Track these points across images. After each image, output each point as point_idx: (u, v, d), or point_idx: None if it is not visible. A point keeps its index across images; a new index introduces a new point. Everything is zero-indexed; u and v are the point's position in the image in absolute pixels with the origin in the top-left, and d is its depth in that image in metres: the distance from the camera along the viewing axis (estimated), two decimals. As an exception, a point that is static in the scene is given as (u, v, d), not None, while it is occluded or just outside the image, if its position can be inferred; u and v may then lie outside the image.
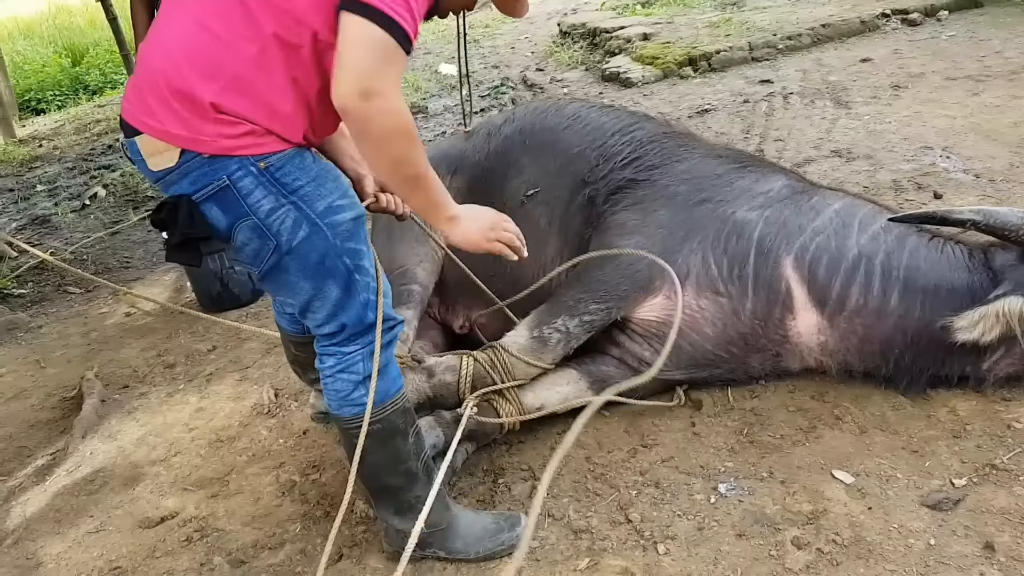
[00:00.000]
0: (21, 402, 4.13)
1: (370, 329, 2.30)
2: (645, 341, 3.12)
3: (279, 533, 2.86)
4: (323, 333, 2.32)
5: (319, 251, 2.18)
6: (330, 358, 2.33)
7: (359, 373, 2.31)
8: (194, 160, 2.06)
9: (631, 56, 9.15)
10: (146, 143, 2.09)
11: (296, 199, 2.13)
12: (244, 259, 2.26)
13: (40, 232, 6.97)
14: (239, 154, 2.07)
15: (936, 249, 3.03)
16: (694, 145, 3.51)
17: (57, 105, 12.96)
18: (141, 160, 2.13)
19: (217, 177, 2.08)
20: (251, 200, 2.11)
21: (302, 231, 2.15)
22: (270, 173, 2.10)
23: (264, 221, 2.14)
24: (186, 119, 2.03)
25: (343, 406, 2.35)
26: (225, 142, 2.05)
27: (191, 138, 2.05)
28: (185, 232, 2.15)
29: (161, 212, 2.17)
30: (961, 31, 8.14)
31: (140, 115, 2.08)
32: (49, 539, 3.00)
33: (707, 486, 2.77)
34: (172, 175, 2.11)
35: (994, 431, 2.83)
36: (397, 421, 2.40)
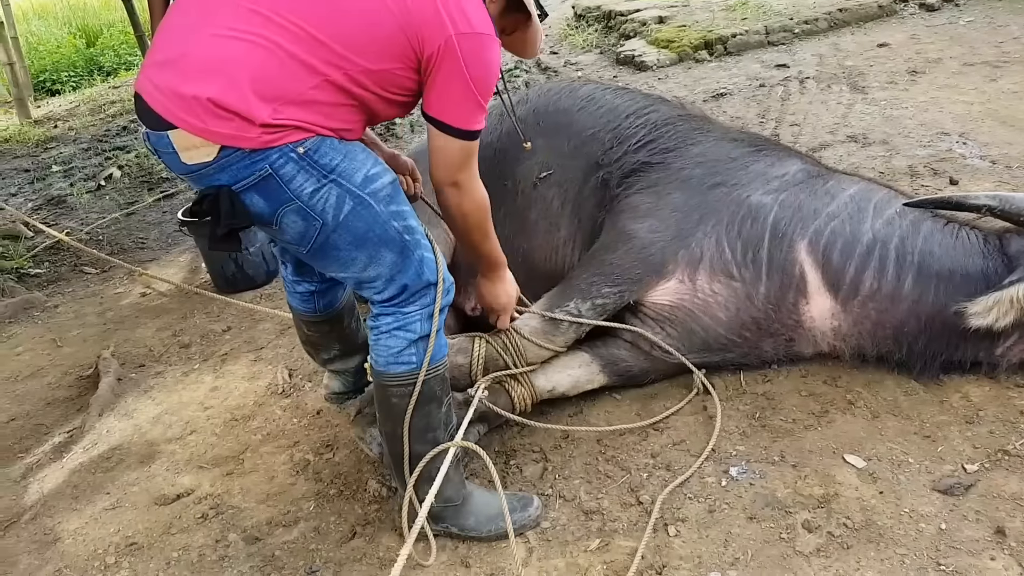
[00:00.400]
0: (38, 380, 4.17)
1: (429, 287, 2.36)
2: (658, 325, 3.12)
3: (293, 511, 2.89)
4: (383, 299, 2.36)
5: (366, 221, 2.23)
6: (388, 317, 2.38)
7: (415, 332, 2.37)
8: (234, 154, 2.08)
9: (646, 39, 9.10)
10: (181, 138, 2.08)
11: (335, 176, 2.18)
12: (289, 240, 2.29)
13: (56, 212, 7.01)
14: (278, 144, 2.10)
15: (951, 234, 3.02)
16: (709, 128, 3.50)
17: (72, 86, 12.99)
18: (171, 153, 2.12)
19: (259, 168, 2.11)
20: (294, 185, 2.14)
21: (347, 206, 2.20)
22: (309, 157, 2.13)
23: (308, 203, 2.18)
24: (232, 123, 2.05)
25: (391, 363, 2.39)
26: (268, 137, 2.08)
27: (234, 135, 2.06)
28: (229, 223, 2.18)
29: (202, 204, 2.19)
30: (979, 17, 8.06)
31: (178, 110, 2.06)
32: (66, 515, 3.04)
33: (718, 469, 2.78)
34: (208, 168, 2.12)
35: (1007, 417, 2.83)
36: (436, 387, 2.45)
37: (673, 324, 3.09)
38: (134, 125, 9.53)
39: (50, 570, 2.77)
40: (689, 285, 3.05)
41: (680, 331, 3.10)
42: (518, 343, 2.94)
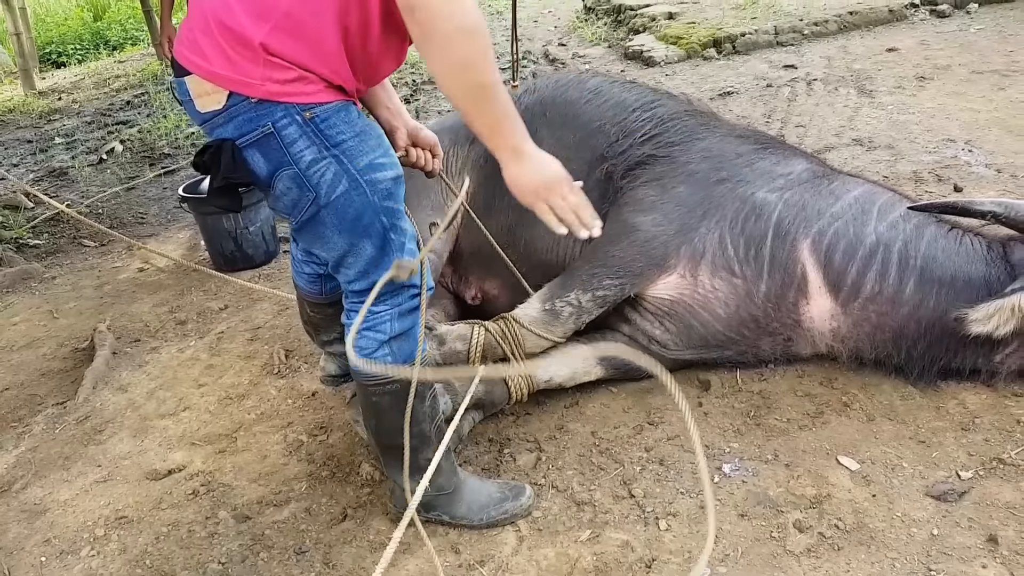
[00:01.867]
0: (33, 351, 4.16)
1: (400, 290, 2.30)
2: (656, 320, 3.12)
3: (284, 491, 2.89)
4: (353, 290, 2.33)
5: (356, 207, 2.18)
6: (357, 315, 2.33)
7: (385, 333, 2.32)
8: (241, 104, 2.07)
9: (655, 35, 9.07)
10: (195, 83, 2.09)
11: (338, 152, 2.14)
12: (282, 208, 2.26)
13: (56, 184, 6.99)
14: (286, 100, 2.07)
15: (955, 240, 3.01)
16: (715, 124, 3.48)
17: (77, 59, 12.96)
18: (189, 100, 2.14)
19: (262, 123, 2.09)
20: (293, 149, 2.12)
21: (341, 186, 2.16)
22: (315, 124, 2.10)
23: (304, 172, 2.14)
24: (235, 60, 2.04)
25: None
26: (273, 87, 2.05)
27: (239, 80, 2.05)
28: (227, 176, 2.16)
29: (204, 155, 2.18)
30: (990, 25, 8.04)
31: (191, 55, 2.08)
32: (57, 486, 3.04)
33: (711, 465, 2.77)
34: (219, 118, 2.12)
35: (1003, 426, 2.83)
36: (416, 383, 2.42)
37: (672, 319, 3.08)
38: (138, 100, 9.52)
39: (39, 539, 2.77)
40: (690, 280, 3.04)
41: (679, 326, 3.09)
42: (517, 332, 2.93)
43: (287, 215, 2.29)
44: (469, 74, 1.97)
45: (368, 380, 2.38)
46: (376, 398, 2.40)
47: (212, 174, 2.19)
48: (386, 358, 2.34)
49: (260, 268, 4.82)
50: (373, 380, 2.37)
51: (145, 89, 9.84)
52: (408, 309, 2.33)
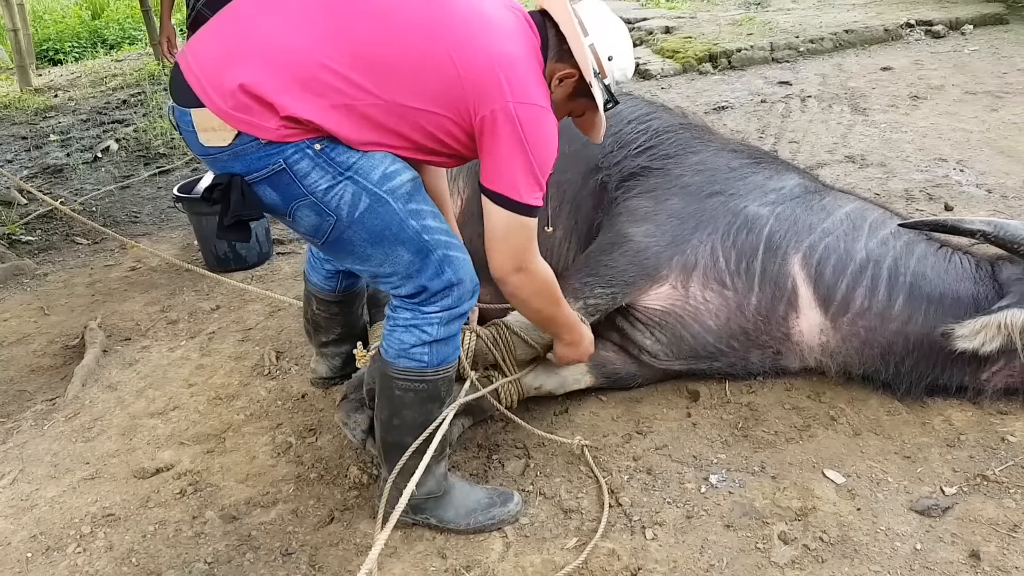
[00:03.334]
0: (23, 347, 4.15)
1: (451, 288, 2.32)
2: (647, 329, 3.13)
3: (272, 492, 2.89)
4: (401, 295, 2.34)
5: (382, 219, 2.21)
6: (407, 312, 2.35)
7: (430, 335, 2.34)
8: (249, 144, 2.09)
9: (651, 48, 9.13)
10: (203, 117, 2.10)
11: (352, 173, 2.16)
12: (302, 232, 2.30)
13: (51, 181, 6.98)
14: (296, 140, 2.10)
15: (944, 258, 3.04)
16: (709, 138, 3.51)
17: (75, 57, 12.95)
18: (191, 132, 2.14)
19: (273, 162, 2.11)
20: (308, 181, 2.14)
21: (363, 203, 2.18)
22: (325, 154, 2.13)
23: (323, 200, 2.17)
24: (252, 109, 2.06)
25: (400, 357, 2.37)
26: (285, 132, 2.09)
27: (251, 123, 2.07)
28: (238, 214, 2.18)
29: (214, 192, 2.20)
30: (984, 46, 8.12)
31: (209, 89, 2.08)
32: (44, 482, 3.03)
33: (698, 476, 2.79)
34: (223, 154, 2.13)
35: (988, 443, 2.85)
36: (441, 387, 2.44)
37: (663, 329, 3.10)
38: (134, 99, 9.51)
39: (24, 536, 2.76)
40: (681, 291, 3.06)
41: (669, 337, 3.11)
42: (508, 338, 2.94)
43: (309, 237, 2.31)
44: (549, 309, 2.56)
45: (398, 374, 2.39)
46: (400, 392, 2.41)
47: (222, 211, 2.20)
48: (422, 357, 2.36)
49: (253, 269, 4.82)
50: (403, 375, 2.38)
51: (142, 89, 9.83)
52: (457, 315, 2.36)
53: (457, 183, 3.59)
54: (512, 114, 2.16)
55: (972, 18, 8.90)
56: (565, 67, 2.35)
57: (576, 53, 2.31)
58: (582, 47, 2.31)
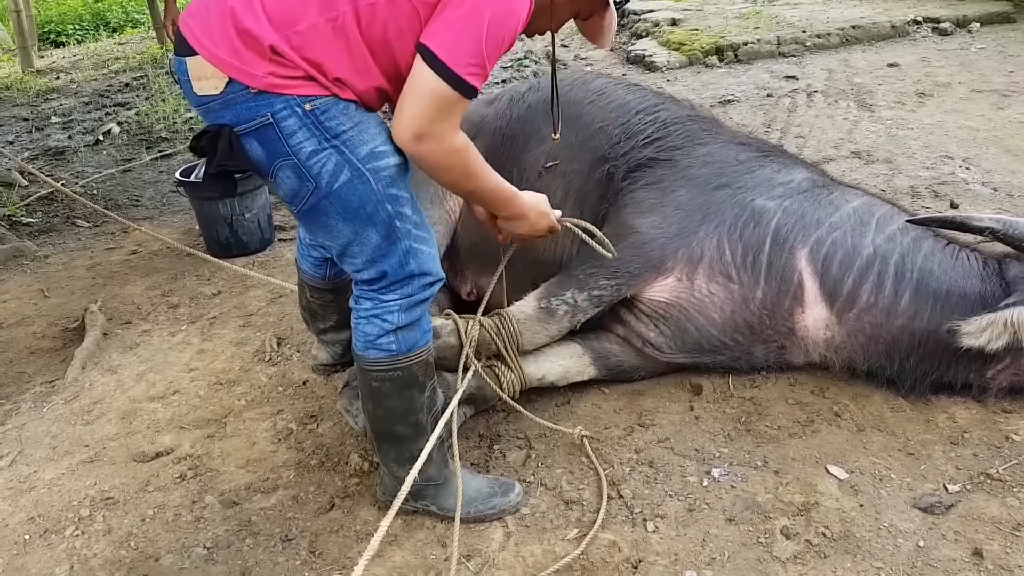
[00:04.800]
0: (23, 329, 4.13)
1: (410, 279, 2.30)
2: (651, 322, 3.12)
3: (272, 478, 2.88)
4: (362, 279, 2.32)
5: (360, 196, 2.18)
6: (367, 302, 2.33)
7: (392, 323, 2.32)
8: (240, 92, 2.06)
9: (657, 40, 9.10)
10: (196, 65, 2.08)
11: (339, 143, 2.13)
12: (282, 196, 2.26)
13: (52, 164, 6.96)
14: (286, 92, 2.07)
15: (951, 255, 3.02)
16: (717, 130, 3.49)
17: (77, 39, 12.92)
18: (187, 81, 2.13)
19: (260, 113, 2.08)
20: (293, 141, 2.11)
21: (343, 175, 2.15)
22: (314, 116, 2.09)
23: (304, 163, 2.14)
24: (240, 51, 2.03)
25: (368, 348, 2.35)
26: (275, 80, 2.05)
27: (241, 68, 2.04)
28: (223, 163, 2.15)
29: (201, 140, 2.17)
30: (991, 45, 8.09)
31: (200, 33, 2.07)
32: (43, 465, 3.02)
33: (701, 469, 2.78)
34: (214, 103, 2.11)
35: (991, 441, 2.84)
36: (417, 372, 2.42)
37: (667, 322, 3.09)
38: (136, 82, 9.48)
39: (23, 518, 2.75)
40: (687, 284, 3.04)
41: (674, 329, 3.09)
42: (511, 328, 2.93)
43: (288, 203, 2.28)
44: (466, 182, 2.26)
45: (370, 365, 2.38)
46: (377, 383, 2.39)
47: (208, 159, 2.18)
48: (390, 346, 2.33)
49: (255, 255, 4.80)
50: (375, 365, 2.37)
51: (144, 72, 9.80)
52: (417, 301, 2.33)
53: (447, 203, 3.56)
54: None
55: (979, 16, 8.87)
56: None
57: None
58: None
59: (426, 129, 2.06)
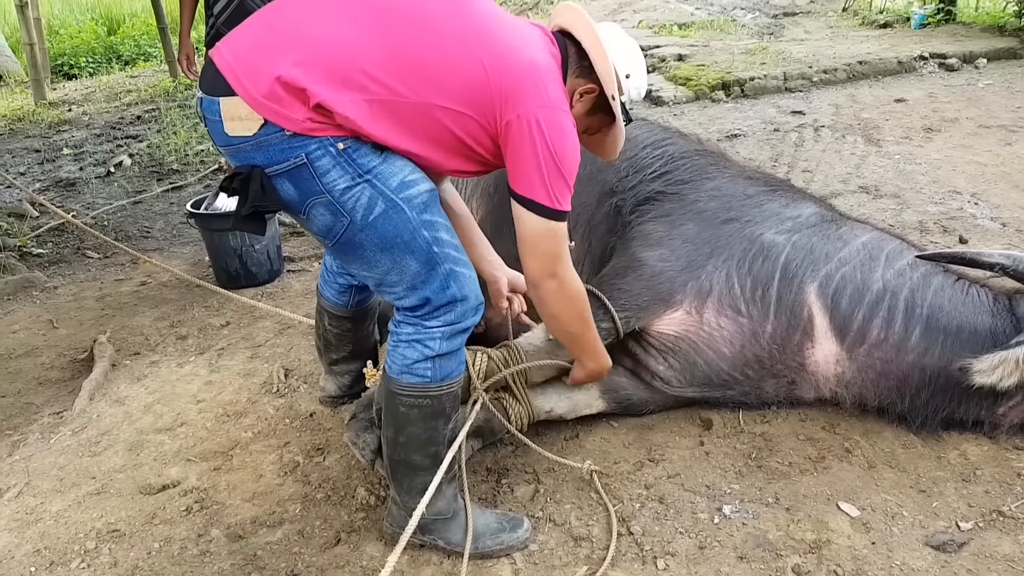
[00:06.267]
0: (31, 359, 4.14)
1: (454, 303, 2.31)
2: (660, 355, 3.11)
3: (279, 512, 2.86)
4: (404, 306, 2.34)
5: (395, 225, 2.21)
6: (409, 327, 2.34)
7: (433, 350, 2.33)
8: (274, 135, 2.11)
9: (664, 75, 9.16)
10: (231, 105, 2.12)
11: (371, 177, 2.18)
12: (315, 231, 2.30)
13: (63, 195, 7.00)
14: (321, 135, 2.11)
15: (961, 291, 3.01)
16: (725, 165, 3.51)
17: (89, 72, 13.04)
18: (217, 121, 2.16)
19: (295, 155, 2.13)
20: (327, 179, 2.15)
21: (378, 207, 2.19)
22: (348, 154, 2.14)
23: (339, 200, 2.18)
24: (281, 96, 2.08)
25: (404, 372, 2.36)
26: (312, 124, 2.10)
27: (279, 112, 2.09)
28: (256, 205, 2.19)
29: (233, 181, 2.21)
30: (998, 80, 8.13)
31: (242, 75, 2.11)
32: (50, 496, 3.00)
33: (711, 506, 2.75)
34: (246, 144, 2.15)
35: (1003, 478, 2.81)
36: (446, 403, 2.42)
37: (676, 355, 3.08)
38: (148, 115, 9.56)
39: (29, 549, 2.74)
40: (696, 317, 3.04)
41: (683, 363, 3.08)
42: (520, 360, 2.92)
43: (320, 237, 2.32)
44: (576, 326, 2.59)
45: (402, 389, 2.38)
46: (404, 409, 2.39)
47: (240, 201, 2.22)
48: (426, 373, 2.34)
49: (263, 286, 4.81)
50: (407, 391, 2.37)
51: (156, 105, 9.89)
52: (460, 329, 2.35)
53: (471, 203, 3.58)
54: (538, 118, 2.20)
55: (986, 52, 8.92)
56: (586, 82, 2.41)
57: (600, 69, 2.37)
58: (607, 63, 2.36)
59: (554, 264, 2.37)
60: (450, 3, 2.27)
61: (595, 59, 2.37)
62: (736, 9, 13.22)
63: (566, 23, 2.44)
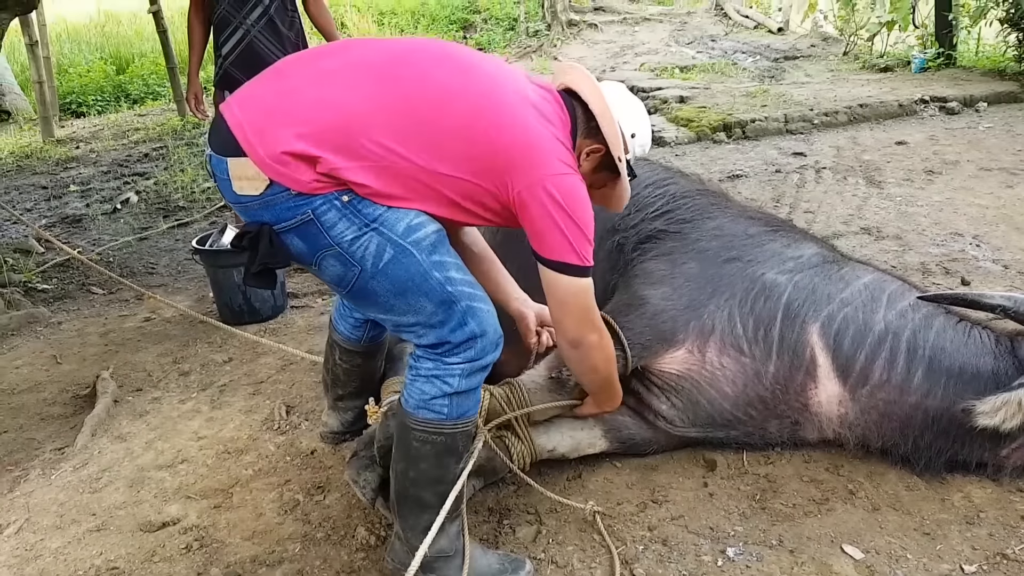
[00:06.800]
0: (34, 395, 4.14)
1: (474, 339, 2.32)
2: (663, 394, 3.10)
3: (278, 551, 2.84)
4: (424, 344, 2.35)
5: (407, 270, 2.23)
6: (429, 362, 2.35)
7: (452, 387, 2.33)
8: (280, 194, 2.15)
9: (666, 116, 9.24)
10: (239, 166, 2.17)
11: (377, 225, 2.20)
12: (327, 280, 2.34)
13: (69, 231, 7.05)
14: (325, 192, 2.16)
15: (963, 332, 3.02)
16: (727, 204, 3.53)
17: (97, 110, 13.16)
18: (226, 180, 2.21)
19: (301, 212, 2.17)
20: (334, 232, 2.19)
21: (387, 254, 2.22)
22: (352, 206, 2.18)
23: (348, 250, 2.21)
24: (287, 161, 2.13)
25: (420, 408, 2.35)
26: (317, 184, 2.15)
27: (286, 174, 2.13)
28: (265, 262, 2.24)
29: (243, 240, 2.26)
30: (999, 123, 8.18)
31: (253, 138, 2.15)
32: (50, 533, 2.99)
33: (715, 548, 2.73)
34: (253, 202, 2.19)
35: (1007, 521, 2.80)
36: (459, 441, 2.42)
37: (679, 394, 3.07)
38: (156, 153, 9.64)
39: (27, 587, 2.72)
40: (698, 356, 3.04)
41: (685, 402, 3.08)
42: (522, 398, 2.92)
43: (334, 286, 2.36)
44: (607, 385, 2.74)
45: (417, 425, 2.37)
46: (417, 444, 2.38)
47: (250, 259, 2.26)
48: (442, 409, 2.34)
49: (266, 322, 4.82)
50: (422, 426, 2.36)
51: (164, 143, 9.98)
52: (480, 367, 2.36)
53: None
54: (549, 188, 2.25)
55: (986, 95, 9.00)
56: (593, 143, 2.46)
57: (607, 131, 2.42)
58: (613, 125, 2.42)
59: (592, 321, 2.45)
60: (456, 67, 2.31)
61: (602, 122, 2.42)
62: (737, 52, 13.38)
63: (572, 83, 2.49)
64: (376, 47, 2.41)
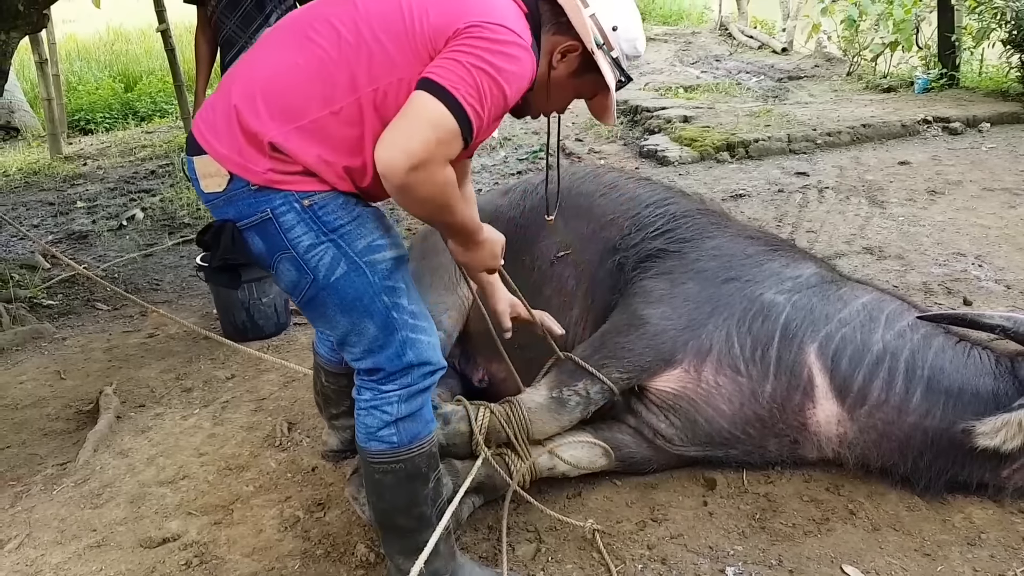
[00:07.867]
0: (37, 410, 4.16)
1: (409, 370, 2.29)
2: (661, 412, 3.11)
3: (278, 568, 2.84)
4: (361, 368, 2.33)
5: (356, 288, 2.22)
6: (367, 391, 2.33)
7: (391, 414, 2.30)
8: (241, 189, 2.15)
9: (670, 136, 9.27)
10: (202, 163, 2.18)
11: (336, 237, 2.19)
12: (284, 287, 2.32)
13: (75, 247, 7.09)
14: (285, 188, 2.15)
15: (963, 352, 3.02)
16: (727, 224, 3.54)
17: (105, 127, 13.24)
18: (196, 179, 2.23)
19: (261, 209, 2.16)
20: (291, 235, 2.18)
21: (340, 268, 2.20)
22: (312, 211, 2.16)
23: (303, 256, 2.20)
24: (243, 149, 2.13)
25: (370, 440, 2.34)
26: (274, 176, 2.14)
27: (242, 165, 2.14)
28: (225, 257, 2.23)
29: (206, 234, 2.26)
30: (1002, 144, 8.19)
31: (207, 134, 2.18)
32: (50, 548, 3.00)
33: (714, 567, 2.73)
34: (219, 199, 2.20)
35: (1009, 542, 2.79)
36: (420, 465, 2.39)
37: (677, 413, 3.08)
38: (162, 170, 9.70)
39: (26, 603, 2.73)
40: (694, 375, 3.04)
41: (683, 420, 3.08)
42: (522, 417, 2.93)
43: (288, 293, 2.35)
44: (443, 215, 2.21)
45: (372, 457, 2.36)
46: (379, 476, 2.38)
47: (211, 254, 2.26)
48: (391, 438, 2.32)
49: (269, 339, 4.84)
50: (377, 458, 2.35)
51: (170, 160, 10.04)
52: (417, 390, 2.32)
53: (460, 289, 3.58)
54: (482, 27, 2.03)
55: (989, 116, 9.01)
56: (566, 39, 2.25)
57: (575, 21, 2.22)
58: (581, 15, 2.22)
59: (424, 159, 1.97)
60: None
61: (569, 10, 2.22)
62: (741, 72, 13.41)
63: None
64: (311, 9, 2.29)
